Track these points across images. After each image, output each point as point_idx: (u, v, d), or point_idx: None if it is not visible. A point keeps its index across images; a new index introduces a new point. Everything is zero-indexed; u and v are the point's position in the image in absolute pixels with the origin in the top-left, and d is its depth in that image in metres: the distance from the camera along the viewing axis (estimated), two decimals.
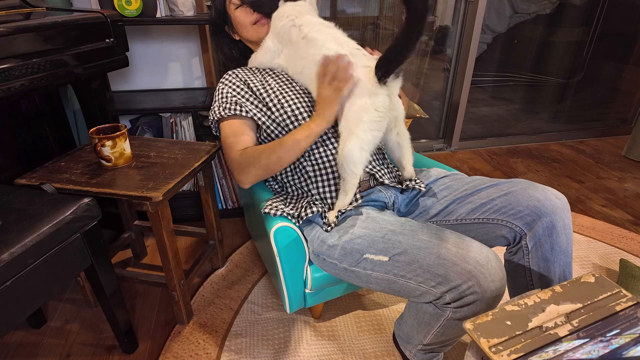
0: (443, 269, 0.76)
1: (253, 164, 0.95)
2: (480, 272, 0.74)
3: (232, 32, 1.12)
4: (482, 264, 0.75)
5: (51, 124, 1.38)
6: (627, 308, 0.60)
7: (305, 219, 0.96)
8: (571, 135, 2.71)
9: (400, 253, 0.81)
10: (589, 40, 2.69)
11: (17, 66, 0.96)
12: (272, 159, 0.93)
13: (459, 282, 0.74)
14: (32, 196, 0.89)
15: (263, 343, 1.15)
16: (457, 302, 0.76)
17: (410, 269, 0.80)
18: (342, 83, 0.88)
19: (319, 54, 0.93)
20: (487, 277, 0.74)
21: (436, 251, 0.78)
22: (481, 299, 0.74)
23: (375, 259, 0.84)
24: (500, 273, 0.76)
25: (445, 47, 2.39)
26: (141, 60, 1.71)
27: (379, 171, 1.00)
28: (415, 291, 0.81)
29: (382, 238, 0.85)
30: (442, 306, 0.79)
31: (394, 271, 0.82)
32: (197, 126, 1.56)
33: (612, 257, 1.51)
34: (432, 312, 0.82)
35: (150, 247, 1.56)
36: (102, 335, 1.18)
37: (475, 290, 0.73)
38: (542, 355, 0.53)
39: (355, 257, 0.87)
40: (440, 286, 0.76)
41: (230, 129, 1.00)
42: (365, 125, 0.87)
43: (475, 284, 0.73)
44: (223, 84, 1.05)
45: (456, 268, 0.75)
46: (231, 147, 0.99)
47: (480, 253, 0.77)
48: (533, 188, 0.89)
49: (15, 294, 0.75)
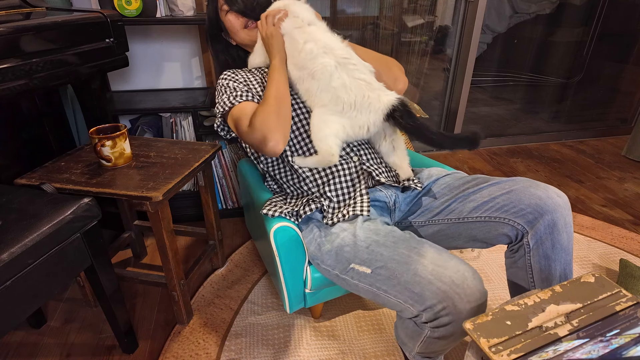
0: (419, 287, 0.75)
1: (267, 117, 0.92)
2: (456, 292, 0.72)
3: (229, 38, 1.14)
4: (458, 284, 0.73)
5: (51, 124, 1.38)
6: (627, 308, 0.60)
7: (304, 216, 0.96)
8: (571, 135, 2.71)
9: (381, 267, 0.81)
10: (589, 40, 2.69)
11: (17, 66, 0.96)
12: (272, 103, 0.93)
13: (434, 302, 0.73)
14: (32, 196, 0.89)
15: (263, 343, 1.15)
16: (432, 323, 0.75)
17: (390, 284, 0.79)
18: (275, 17, 0.99)
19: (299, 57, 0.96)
20: (462, 298, 0.72)
21: (413, 267, 0.77)
22: (456, 320, 0.72)
23: (360, 270, 0.84)
24: (477, 293, 0.74)
25: (445, 47, 2.39)
26: (141, 60, 1.71)
27: (375, 169, 1.00)
28: (396, 306, 0.81)
29: (366, 249, 0.85)
30: (421, 324, 0.78)
31: (376, 284, 0.82)
32: (197, 126, 1.56)
33: (612, 257, 1.51)
34: (412, 328, 0.82)
35: (150, 247, 1.56)
36: (102, 335, 1.18)
37: (450, 312, 0.72)
38: (542, 355, 0.53)
39: (344, 265, 0.88)
40: (417, 304, 0.76)
41: (242, 111, 0.98)
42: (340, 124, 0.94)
43: (450, 304, 0.72)
44: (227, 80, 1.06)
45: (431, 287, 0.74)
46: (243, 121, 0.97)
47: (457, 272, 0.75)
48: (535, 186, 0.89)
49: (15, 294, 0.75)
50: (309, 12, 1.01)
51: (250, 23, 1.07)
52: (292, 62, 0.99)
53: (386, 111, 0.91)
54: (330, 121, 0.94)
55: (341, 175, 0.98)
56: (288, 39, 0.99)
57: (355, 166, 0.99)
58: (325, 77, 0.92)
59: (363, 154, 1.02)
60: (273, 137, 0.92)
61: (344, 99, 0.92)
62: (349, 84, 0.92)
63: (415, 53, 2.35)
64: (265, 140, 0.92)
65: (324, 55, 0.93)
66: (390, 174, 1.03)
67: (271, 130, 0.92)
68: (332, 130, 0.94)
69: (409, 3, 2.22)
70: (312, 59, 0.93)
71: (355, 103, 0.92)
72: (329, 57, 0.93)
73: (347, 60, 0.94)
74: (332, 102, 0.93)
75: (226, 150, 1.65)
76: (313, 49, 0.94)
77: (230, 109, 1.01)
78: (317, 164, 0.98)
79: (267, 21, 1.01)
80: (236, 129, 1.01)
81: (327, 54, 0.93)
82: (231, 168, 1.67)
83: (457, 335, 0.75)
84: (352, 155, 1.00)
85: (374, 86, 0.94)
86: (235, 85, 1.03)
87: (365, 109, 0.92)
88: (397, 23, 2.24)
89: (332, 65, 0.92)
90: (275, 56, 0.99)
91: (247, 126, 0.95)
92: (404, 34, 2.29)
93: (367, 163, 1.00)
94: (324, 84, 0.93)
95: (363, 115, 0.92)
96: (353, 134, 0.95)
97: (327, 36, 0.97)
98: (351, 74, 0.93)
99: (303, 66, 0.96)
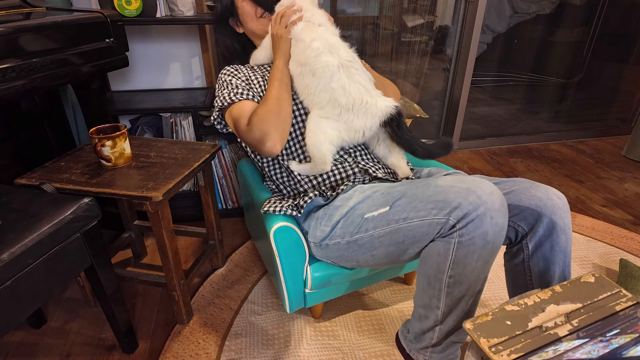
0: (443, 194, 0.77)
1: (267, 119, 0.93)
2: (478, 187, 0.75)
3: (237, 25, 1.12)
4: (478, 182, 0.76)
5: (51, 124, 1.38)
6: (627, 308, 0.60)
7: (305, 207, 0.96)
8: (571, 135, 2.71)
9: (399, 198, 0.83)
10: (589, 40, 2.69)
11: (17, 66, 0.96)
12: (273, 104, 0.95)
13: (460, 200, 0.74)
14: (32, 196, 0.89)
15: (263, 343, 1.15)
16: (462, 221, 0.74)
17: (411, 207, 0.80)
18: (289, 20, 0.97)
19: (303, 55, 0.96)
20: (485, 190, 0.74)
21: (433, 184, 0.80)
22: (485, 212, 0.73)
23: (376, 214, 0.85)
24: (496, 190, 0.76)
25: (445, 47, 2.39)
26: (141, 60, 1.71)
27: (372, 167, 1.00)
28: (418, 230, 0.79)
29: (381, 195, 0.87)
30: (448, 233, 0.76)
31: (395, 217, 0.82)
32: (197, 126, 1.56)
33: (612, 257, 1.51)
34: (438, 251, 0.79)
35: (150, 247, 1.56)
36: (102, 335, 1.18)
37: (477, 204, 0.73)
38: (542, 355, 0.53)
39: (356, 222, 0.87)
40: (442, 210, 0.76)
41: (241, 109, 0.99)
42: (336, 129, 0.95)
43: (475, 198, 0.73)
44: (228, 75, 1.06)
45: (453, 189, 0.76)
46: (242, 121, 0.98)
47: (475, 178, 0.79)
48: (535, 187, 0.89)
49: (15, 294, 0.75)
50: (322, 15, 1.01)
51: (266, 14, 1.06)
52: (295, 60, 0.99)
53: (384, 118, 0.91)
54: (326, 127, 0.94)
55: (335, 174, 0.99)
56: (295, 41, 0.98)
57: (350, 165, 0.99)
58: (326, 75, 0.92)
59: (357, 155, 1.02)
60: (271, 137, 0.93)
61: (342, 101, 0.92)
62: (348, 87, 0.92)
63: (415, 53, 2.36)
64: (263, 140, 0.93)
65: (329, 54, 0.93)
66: (388, 170, 1.04)
67: (270, 130, 0.92)
68: (327, 137, 0.94)
69: (409, 3, 2.22)
70: (316, 57, 0.93)
71: (353, 106, 0.92)
72: (333, 57, 0.93)
73: (350, 64, 0.94)
74: (329, 104, 0.93)
75: (226, 150, 1.65)
76: (319, 47, 0.94)
77: (230, 105, 1.01)
78: (309, 172, 0.99)
79: (280, 21, 0.99)
80: (235, 127, 1.01)
81: (332, 53, 0.93)
82: (231, 168, 1.67)
83: (487, 233, 0.74)
84: (346, 157, 1.01)
85: (372, 93, 0.94)
86: (237, 83, 1.03)
87: (362, 113, 0.92)
88: (397, 23, 2.24)
89: (334, 65, 0.92)
90: (280, 57, 0.99)
91: (245, 125, 0.96)
92: (404, 34, 2.29)
93: (363, 162, 1.00)
94: (324, 83, 0.93)
95: (360, 119, 0.92)
96: (349, 139, 0.96)
97: (335, 39, 0.97)
98: (352, 77, 0.93)
99: (306, 62, 0.95)
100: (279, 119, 0.94)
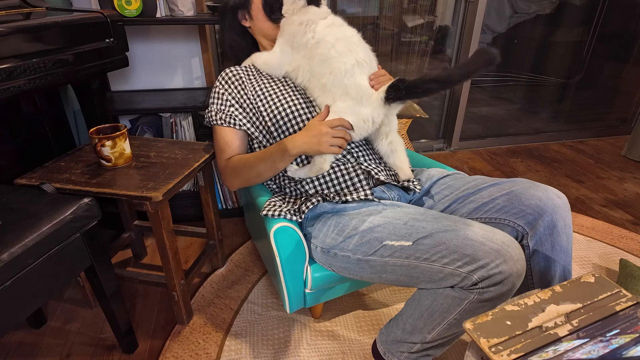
0: (471, 249, 0.75)
1: (236, 175, 1.04)
2: (507, 251, 0.74)
3: (245, 19, 1.08)
4: (508, 245, 0.75)
5: (51, 124, 1.38)
6: (627, 308, 0.60)
7: (312, 213, 0.96)
8: (571, 135, 2.71)
9: (425, 237, 0.80)
10: (589, 40, 2.69)
11: (17, 66, 0.96)
12: (252, 174, 1.02)
13: (488, 261, 0.73)
14: (32, 196, 0.89)
15: (263, 343, 1.15)
16: (485, 282, 0.74)
17: (435, 251, 0.78)
18: (338, 149, 0.92)
19: (326, 55, 0.96)
20: (512, 257, 0.74)
21: (463, 233, 0.77)
22: (508, 277, 0.73)
23: (397, 244, 0.83)
24: (522, 256, 0.76)
25: (445, 47, 2.39)
26: (141, 60, 1.71)
27: (374, 168, 1.00)
28: (437, 274, 0.79)
29: (404, 225, 0.84)
30: (468, 288, 0.76)
31: (416, 255, 0.80)
32: (197, 126, 1.56)
33: (612, 257, 1.51)
34: (453, 296, 0.79)
35: (150, 247, 1.56)
36: (102, 335, 1.18)
37: (503, 269, 0.73)
38: (542, 355, 0.53)
39: (372, 245, 0.85)
40: (468, 266, 0.75)
41: (222, 138, 1.07)
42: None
43: (502, 262, 0.73)
44: (221, 86, 1.06)
45: (484, 247, 0.74)
46: (220, 153, 1.08)
47: (505, 236, 0.77)
48: (535, 187, 0.89)
49: (15, 294, 0.75)
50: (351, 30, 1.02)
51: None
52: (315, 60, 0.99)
53: (383, 95, 0.91)
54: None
55: (339, 176, 0.98)
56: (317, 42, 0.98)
57: (353, 166, 0.99)
58: (340, 72, 0.95)
59: (360, 155, 1.01)
60: (229, 186, 1.09)
61: (352, 94, 0.94)
62: (359, 83, 0.94)
63: (415, 53, 2.35)
64: (226, 184, 1.08)
65: (349, 53, 0.95)
66: (390, 173, 1.03)
67: (235, 186, 1.07)
68: None
69: (409, 3, 2.21)
70: (340, 56, 0.95)
71: (361, 99, 0.94)
72: (352, 56, 0.95)
73: (366, 64, 0.97)
74: (342, 97, 0.96)
75: None
76: (341, 48, 0.96)
77: (215, 125, 1.07)
78: (308, 175, 0.98)
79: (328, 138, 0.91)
80: (215, 148, 1.09)
81: (351, 52, 0.95)
82: None
83: (506, 294, 0.75)
84: (348, 157, 1.00)
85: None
86: (228, 97, 1.06)
87: (366, 101, 0.94)
88: (397, 23, 2.24)
89: (350, 63, 0.94)
90: (296, 148, 0.93)
91: (223, 160, 1.06)
92: (404, 34, 2.29)
93: (365, 163, 1.00)
94: (338, 79, 0.95)
95: (366, 107, 0.94)
96: (359, 131, 0.96)
97: (357, 38, 1.00)
98: (364, 76, 0.96)
99: (327, 61, 0.96)
100: (248, 183, 1.06)
